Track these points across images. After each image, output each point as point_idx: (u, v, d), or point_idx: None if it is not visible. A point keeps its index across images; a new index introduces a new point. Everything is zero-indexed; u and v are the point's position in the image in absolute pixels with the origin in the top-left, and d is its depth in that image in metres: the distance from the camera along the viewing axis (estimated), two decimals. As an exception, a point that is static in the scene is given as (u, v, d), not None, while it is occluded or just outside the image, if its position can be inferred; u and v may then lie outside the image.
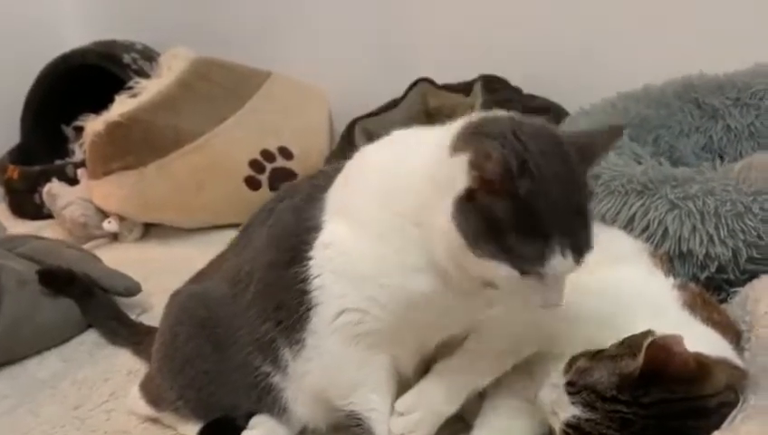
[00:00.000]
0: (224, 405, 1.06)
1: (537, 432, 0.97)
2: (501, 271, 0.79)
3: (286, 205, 1.04)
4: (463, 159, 0.79)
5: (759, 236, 1.18)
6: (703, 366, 0.80)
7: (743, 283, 1.17)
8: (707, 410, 0.80)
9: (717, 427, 0.77)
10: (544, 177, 0.77)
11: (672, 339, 0.78)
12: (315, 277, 0.94)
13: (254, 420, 1.05)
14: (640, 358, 0.79)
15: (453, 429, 0.97)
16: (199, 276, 1.21)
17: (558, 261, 0.77)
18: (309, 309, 0.94)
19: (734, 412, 0.78)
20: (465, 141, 0.81)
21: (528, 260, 0.77)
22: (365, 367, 0.95)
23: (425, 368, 0.99)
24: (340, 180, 0.98)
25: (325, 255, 0.93)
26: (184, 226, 2.06)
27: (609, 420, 0.81)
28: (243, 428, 1.04)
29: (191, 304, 1.12)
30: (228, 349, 1.04)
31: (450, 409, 0.97)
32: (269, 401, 1.03)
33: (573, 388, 0.84)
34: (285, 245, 0.98)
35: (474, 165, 0.77)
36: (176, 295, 1.17)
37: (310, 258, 0.94)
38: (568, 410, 0.84)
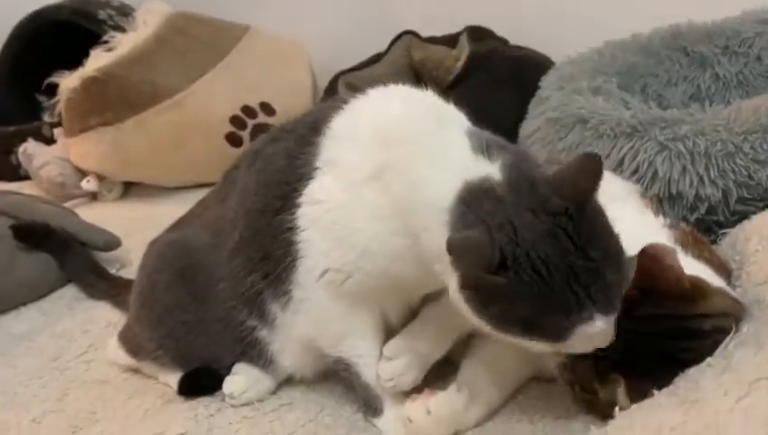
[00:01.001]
0: (204, 356, 1.04)
1: (527, 369, 0.96)
2: (533, 347, 0.78)
3: (277, 148, 0.99)
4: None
5: (749, 176, 1.16)
6: (698, 288, 0.79)
7: (732, 224, 1.15)
8: (701, 333, 0.78)
9: (710, 351, 0.76)
10: (533, 259, 0.74)
11: (663, 250, 0.76)
12: (302, 230, 0.91)
13: (238, 367, 1.03)
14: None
15: (442, 371, 0.95)
16: (179, 224, 1.17)
17: (588, 327, 0.74)
18: (295, 260, 0.92)
19: (726, 340, 0.76)
20: (457, 222, 0.79)
21: (553, 335, 0.75)
22: (352, 318, 0.94)
23: (413, 316, 0.97)
24: (339, 126, 0.93)
25: (313, 211, 0.90)
26: (165, 184, 2.02)
27: None
28: (224, 377, 1.02)
29: (170, 252, 1.08)
30: (209, 300, 1.01)
31: (438, 352, 0.95)
32: (254, 355, 1.00)
33: None
34: (275, 192, 0.95)
35: (454, 259, 0.75)
36: (154, 243, 1.13)
37: (299, 206, 0.91)
38: None
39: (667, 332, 0.78)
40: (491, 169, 0.81)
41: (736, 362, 0.67)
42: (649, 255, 0.77)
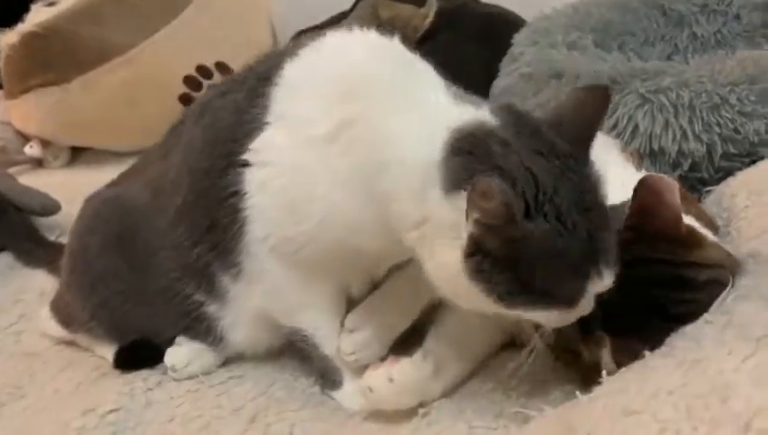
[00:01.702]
0: (142, 329, 0.94)
1: (499, 335, 0.88)
2: (542, 317, 0.69)
3: (226, 101, 0.88)
4: (462, 203, 0.66)
5: (736, 130, 1.09)
6: (694, 234, 0.72)
7: (716, 182, 1.09)
8: (695, 284, 0.71)
9: (705, 306, 0.69)
10: (558, 206, 0.65)
11: (664, 183, 0.68)
12: (249, 196, 0.81)
13: (180, 338, 0.93)
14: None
15: (408, 341, 0.86)
16: (120, 180, 1.06)
17: (596, 285, 0.68)
18: (243, 228, 0.82)
19: (723, 294, 0.68)
20: (459, 175, 0.68)
21: (567, 297, 0.68)
22: (309, 288, 0.84)
23: (376, 287, 0.88)
24: (293, 75, 0.82)
25: (261, 174, 0.80)
26: (114, 149, 1.90)
27: None
28: (163, 351, 0.92)
29: (105, 212, 0.98)
30: (149, 270, 0.91)
31: (404, 323, 0.86)
32: (201, 330, 0.90)
33: None
34: (221, 150, 0.84)
35: (472, 208, 0.65)
36: (90, 200, 1.02)
37: (246, 167, 0.81)
38: None
39: (659, 279, 0.71)
40: (481, 114, 0.72)
41: (739, 318, 0.59)
42: (649, 187, 0.70)
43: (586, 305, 0.69)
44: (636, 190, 0.72)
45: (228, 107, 0.87)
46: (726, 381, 0.50)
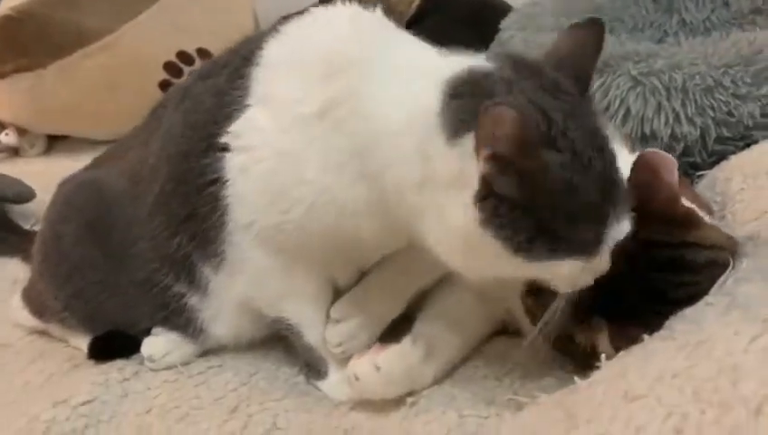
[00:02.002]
0: (118, 320, 0.90)
1: (491, 321, 0.86)
2: (563, 269, 0.64)
3: (207, 85, 0.84)
4: (468, 145, 0.62)
5: (730, 113, 1.07)
6: (692, 214, 0.69)
7: (709, 166, 1.07)
8: (695, 266, 0.68)
9: (705, 289, 0.66)
10: (572, 140, 0.61)
11: (661, 159, 0.66)
12: (230, 182, 0.77)
13: (158, 329, 0.88)
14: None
15: (397, 328, 0.83)
16: (97, 163, 1.02)
17: (615, 230, 0.64)
18: (223, 216, 0.78)
19: (723, 276, 0.66)
20: (463, 117, 0.64)
21: (588, 241, 0.63)
22: (293, 277, 0.81)
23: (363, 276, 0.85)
24: (275, 53, 0.78)
25: (243, 159, 0.76)
26: (92, 137, 1.86)
27: None
28: (140, 341, 0.88)
29: (80, 198, 0.93)
30: (126, 260, 0.87)
31: (393, 311, 0.83)
32: (181, 323, 0.86)
33: None
34: (201, 134, 0.80)
35: (484, 140, 0.60)
36: (63, 184, 0.98)
37: (226, 152, 0.77)
38: None
39: (657, 262, 0.68)
40: (476, 62, 0.68)
41: (743, 299, 0.56)
42: (646, 163, 0.67)
43: (604, 259, 0.65)
44: (632, 168, 0.69)
45: (209, 90, 0.83)
46: (735, 363, 0.48)
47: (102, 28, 1.75)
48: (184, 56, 1.83)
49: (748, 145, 1.06)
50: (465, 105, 0.64)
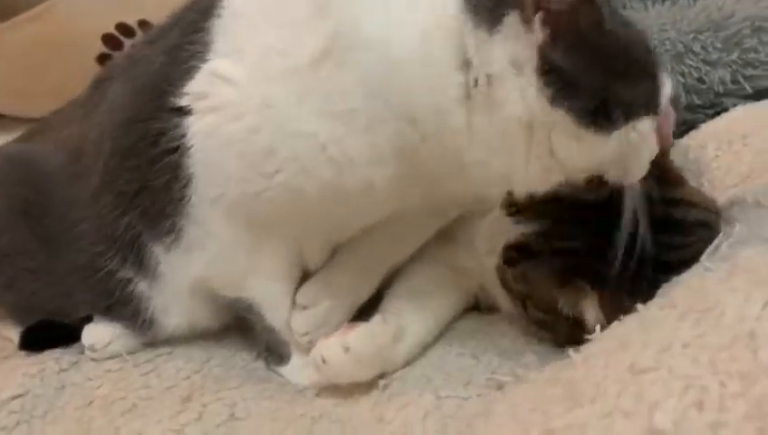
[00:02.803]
0: (53, 310, 0.82)
1: (465, 295, 0.81)
2: (640, 130, 0.60)
3: (157, 46, 0.75)
4: (512, 27, 0.58)
5: (700, 79, 1.04)
6: (676, 172, 0.68)
7: (680, 135, 1.04)
8: (685, 225, 0.66)
9: (695, 251, 0.62)
10: (613, 7, 0.61)
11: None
12: (195, 150, 0.68)
13: (99, 317, 0.80)
14: None
15: (365, 307, 0.78)
16: (28, 136, 0.93)
17: (666, 86, 0.63)
18: (184, 187, 0.70)
19: (715, 242, 0.62)
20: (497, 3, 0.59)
21: (652, 98, 0.61)
22: (261, 254, 0.73)
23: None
24: (244, 3, 0.69)
25: (210, 122, 0.67)
26: (24, 114, 1.72)
27: (565, 226, 0.67)
28: (77, 329, 0.80)
29: (10, 177, 0.85)
30: (64, 245, 0.79)
31: (363, 295, 0.77)
32: (127, 313, 0.78)
33: (517, 207, 0.71)
34: (151, 96, 0.71)
35: (536, 4, 0.57)
36: (-11, 158, 0.88)
37: (187, 115, 0.68)
38: (511, 232, 0.70)
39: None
40: None
41: (745, 263, 0.52)
42: None
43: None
44: None
45: (159, 50, 0.74)
46: (751, 330, 0.43)
47: (32, -4, 1.65)
48: (124, 28, 1.71)
49: (718, 113, 1.03)
50: None
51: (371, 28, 0.61)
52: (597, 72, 0.58)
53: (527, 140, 0.60)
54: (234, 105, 0.66)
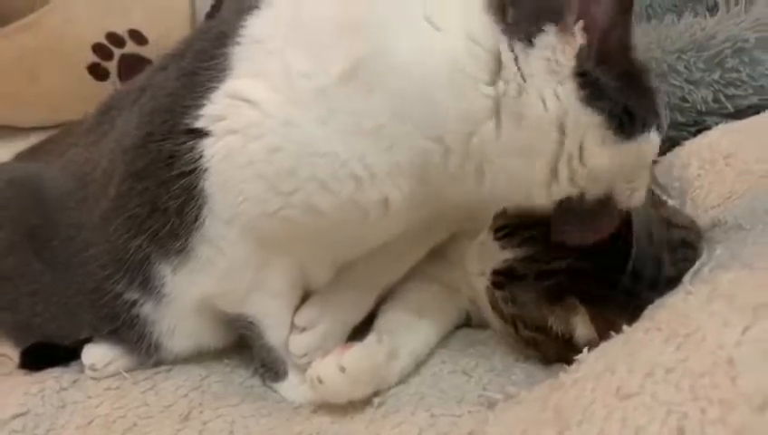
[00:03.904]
0: (54, 333, 0.82)
1: (454, 316, 0.83)
2: (650, 144, 0.65)
3: (169, 72, 0.76)
4: (550, 37, 0.62)
5: (683, 98, 1.07)
6: (656, 193, 0.70)
7: (664, 152, 1.07)
8: (668, 244, 0.68)
9: (678, 272, 0.65)
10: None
11: None
12: (211, 171, 0.68)
13: (99, 339, 0.81)
14: None
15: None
16: (33, 153, 0.94)
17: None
18: (198, 208, 0.70)
19: (696, 265, 0.65)
20: (536, 14, 0.63)
21: (659, 116, 0.66)
22: (268, 272, 0.74)
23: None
24: (264, 29, 0.70)
25: (229, 143, 0.68)
26: (15, 124, 1.73)
27: (550, 249, 0.69)
28: (77, 348, 0.81)
29: (15, 202, 0.84)
30: (69, 269, 0.79)
31: (359, 315, 0.80)
32: (131, 337, 0.79)
33: (504, 232, 0.73)
34: (164, 118, 0.72)
35: (581, 11, 0.61)
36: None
37: (202, 135, 0.69)
38: (498, 257, 0.72)
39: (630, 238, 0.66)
40: None
41: (726, 288, 0.54)
42: None
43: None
44: None
45: (172, 75, 0.75)
46: (729, 357, 0.46)
47: (21, 6, 1.64)
48: (114, 37, 1.72)
49: (700, 131, 1.07)
50: (526, 7, 0.63)
51: (401, 51, 0.63)
52: (622, 83, 0.62)
53: (558, 144, 0.63)
54: (254, 126, 0.67)
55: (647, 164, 0.67)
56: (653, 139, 0.66)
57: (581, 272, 0.68)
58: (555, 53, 0.62)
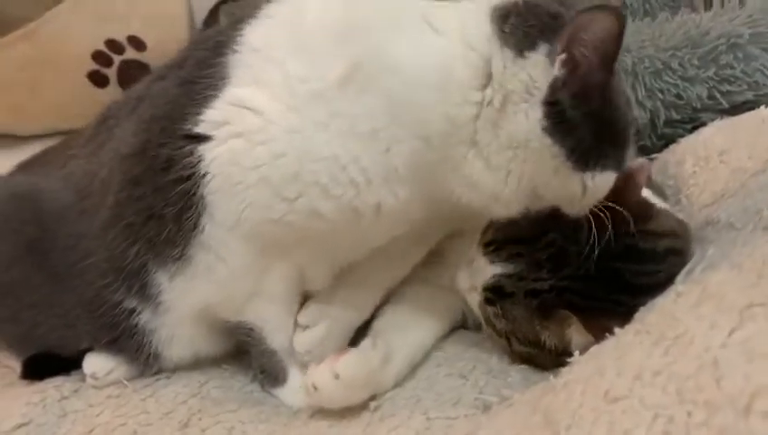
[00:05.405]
0: (54, 343, 0.83)
1: (448, 320, 0.84)
2: (603, 181, 0.67)
3: (167, 81, 0.76)
4: (540, 56, 0.64)
5: (678, 96, 1.07)
6: (644, 206, 0.71)
7: (660, 149, 1.08)
8: (654, 254, 0.69)
9: (668, 277, 0.66)
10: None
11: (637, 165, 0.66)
12: (212, 176, 0.69)
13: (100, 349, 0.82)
14: None
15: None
16: (32, 165, 0.94)
17: (630, 152, 0.70)
18: (197, 214, 0.70)
19: (689, 265, 0.65)
20: (534, 28, 0.65)
21: (621, 161, 0.69)
22: (268, 278, 0.75)
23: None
24: (262, 38, 0.71)
25: (231, 148, 0.68)
26: (16, 133, 1.74)
27: (537, 266, 0.70)
28: (78, 358, 0.82)
29: (16, 215, 0.85)
30: (69, 280, 0.80)
31: (360, 316, 0.80)
32: (131, 346, 0.79)
33: (493, 247, 0.73)
34: (162, 124, 0.72)
35: (575, 43, 0.63)
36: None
37: (201, 140, 0.69)
38: (487, 272, 0.73)
39: (617, 253, 0.68)
40: None
41: (714, 289, 0.55)
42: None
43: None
44: None
45: (171, 84, 0.75)
46: (715, 359, 0.46)
47: (20, 16, 1.65)
48: (113, 44, 1.73)
49: (696, 128, 1.07)
50: (528, 21, 0.64)
51: (397, 53, 0.65)
52: (589, 125, 0.64)
53: (521, 162, 0.65)
54: (258, 131, 0.67)
55: (597, 199, 0.68)
56: (607, 178, 0.67)
57: (566, 289, 0.69)
58: (538, 72, 0.63)
